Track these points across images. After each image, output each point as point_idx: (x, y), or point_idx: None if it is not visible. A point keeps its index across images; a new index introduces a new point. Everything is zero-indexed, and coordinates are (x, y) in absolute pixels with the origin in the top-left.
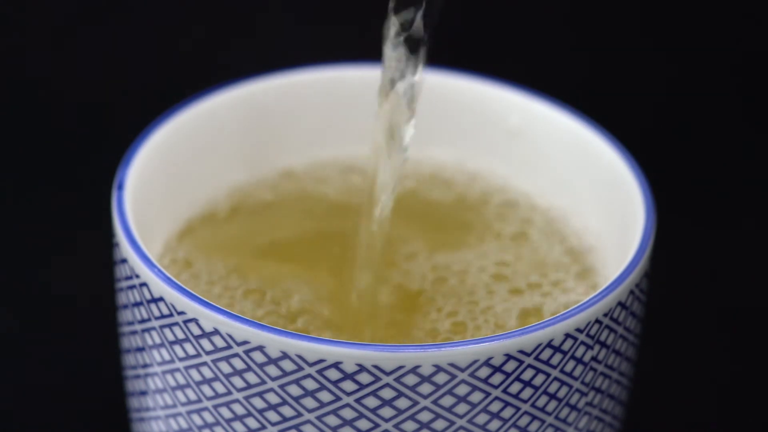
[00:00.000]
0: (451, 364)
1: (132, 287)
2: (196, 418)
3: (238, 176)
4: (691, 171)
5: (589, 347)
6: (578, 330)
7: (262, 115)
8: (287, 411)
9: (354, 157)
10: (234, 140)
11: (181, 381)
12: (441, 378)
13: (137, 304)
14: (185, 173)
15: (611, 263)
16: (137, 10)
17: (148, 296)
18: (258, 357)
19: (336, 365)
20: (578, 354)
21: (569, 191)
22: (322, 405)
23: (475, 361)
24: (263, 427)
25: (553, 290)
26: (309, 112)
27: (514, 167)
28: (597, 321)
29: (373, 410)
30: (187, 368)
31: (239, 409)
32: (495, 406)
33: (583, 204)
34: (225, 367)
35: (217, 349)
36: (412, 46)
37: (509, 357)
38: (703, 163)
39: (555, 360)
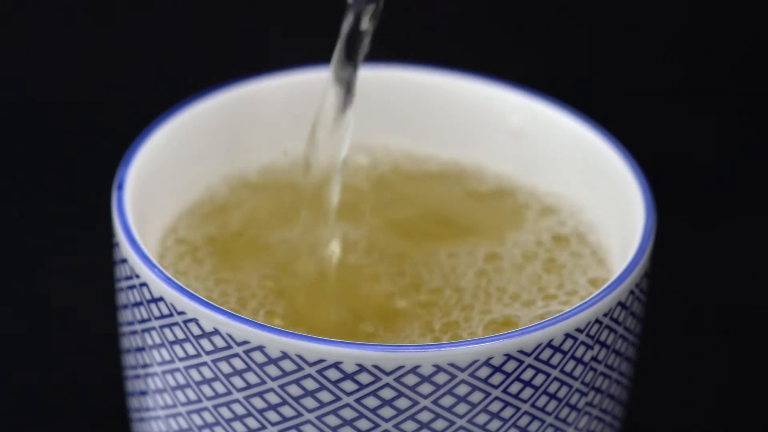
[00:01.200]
0: (451, 364)
1: (132, 287)
2: (196, 418)
3: (237, 176)
4: (691, 171)
5: (589, 347)
6: (578, 330)
7: (262, 116)
8: (287, 411)
9: (357, 153)
10: (234, 140)
11: (181, 381)
12: (441, 378)
13: (137, 304)
14: (185, 173)
15: (610, 263)
16: (137, 10)
17: (148, 296)
18: (258, 357)
19: (336, 365)
20: (578, 354)
21: (569, 191)
22: (322, 405)
23: (475, 361)
24: (263, 427)
25: (549, 286)
26: (309, 111)
27: (514, 167)
28: (597, 321)
29: (373, 410)
30: (187, 368)
31: (239, 409)
32: (495, 406)
33: (583, 204)
34: (225, 367)
35: (217, 349)
36: (355, 38)
37: (509, 357)
38: (703, 163)
39: (555, 360)
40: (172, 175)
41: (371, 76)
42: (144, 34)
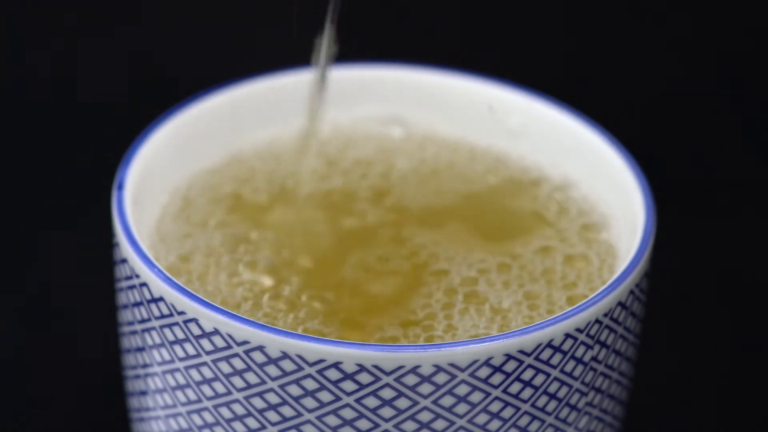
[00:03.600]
0: (451, 364)
1: (132, 287)
2: (196, 418)
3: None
4: (691, 171)
5: (589, 347)
6: (578, 330)
7: (261, 115)
8: (287, 411)
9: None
10: (234, 140)
11: (181, 381)
12: (441, 378)
13: (137, 304)
14: (185, 173)
15: (609, 264)
16: (137, 10)
17: (148, 296)
18: (258, 357)
19: (336, 365)
20: (578, 354)
21: (569, 191)
22: (322, 405)
23: (475, 361)
24: (263, 427)
25: (553, 283)
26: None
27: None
28: (597, 321)
29: (373, 410)
30: (187, 368)
31: (239, 409)
32: (495, 406)
33: (583, 204)
34: (225, 367)
35: (217, 349)
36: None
37: (509, 357)
38: (703, 162)
39: (555, 360)
40: (172, 175)
41: (371, 76)
42: (144, 34)
